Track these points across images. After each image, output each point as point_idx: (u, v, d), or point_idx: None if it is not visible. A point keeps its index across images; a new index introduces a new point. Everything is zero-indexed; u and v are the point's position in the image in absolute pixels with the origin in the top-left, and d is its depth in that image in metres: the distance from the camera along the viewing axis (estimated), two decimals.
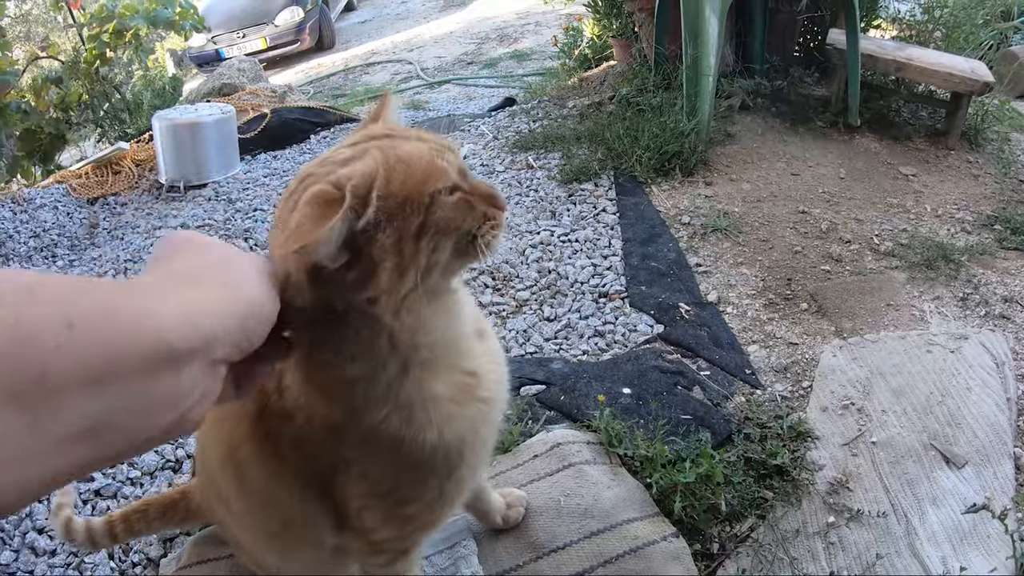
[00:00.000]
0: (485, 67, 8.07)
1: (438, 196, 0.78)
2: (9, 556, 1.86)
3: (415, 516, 1.11)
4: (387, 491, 1.04)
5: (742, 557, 1.66)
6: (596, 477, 1.74)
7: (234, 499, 1.18)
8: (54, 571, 1.82)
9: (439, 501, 1.09)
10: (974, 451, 1.91)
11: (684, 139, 3.46)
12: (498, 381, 1.09)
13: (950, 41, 4.50)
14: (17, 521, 1.94)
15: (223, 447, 1.14)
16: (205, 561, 1.71)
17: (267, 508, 1.15)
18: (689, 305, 2.53)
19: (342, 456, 1.01)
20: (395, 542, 1.17)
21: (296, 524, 1.15)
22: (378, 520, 1.08)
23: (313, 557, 1.29)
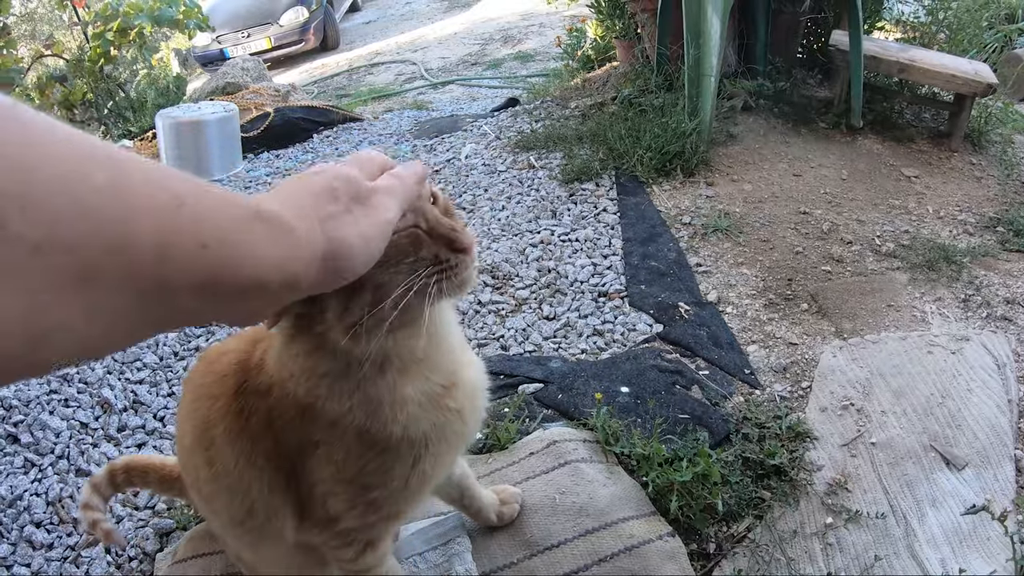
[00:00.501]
0: (489, 68, 8.08)
1: None
2: (6, 549, 1.86)
3: (380, 503, 1.11)
4: (352, 476, 1.05)
5: (739, 557, 1.65)
6: (592, 475, 1.73)
7: (204, 482, 1.19)
8: (51, 565, 1.82)
9: (403, 492, 1.09)
10: (974, 453, 1.90)
11: (686, 139, 3.46)
12: (473, 394, 1.11)
13: (954, 43, 4.50)
14: (15, 515, 1.95)
15: (199, 427, 1.15)
16: (200, 556, 1.71)
17: (233, 493, 1.15)
18: (689, 305, 2.53)
19: (310, 437, 1.03)
20: (361, 531, 1.18)
21: (260, 512, 1.15)
22: (343, 506, 1.09)
23: (278, 554, 1.29)
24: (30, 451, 2.17)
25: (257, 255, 0.54)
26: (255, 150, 5.01)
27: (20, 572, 1.80)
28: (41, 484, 2.06)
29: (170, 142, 4.52)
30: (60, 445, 2.19)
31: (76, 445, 2.20)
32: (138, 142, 5.10)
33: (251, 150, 4.98)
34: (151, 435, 2.27)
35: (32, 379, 2.37)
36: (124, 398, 2.41)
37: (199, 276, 0.49)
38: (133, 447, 2.20)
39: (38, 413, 2.28)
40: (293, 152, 4.99)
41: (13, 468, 2.10)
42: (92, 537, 1.82)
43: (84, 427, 2.28)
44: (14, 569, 1.81)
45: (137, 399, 2.42)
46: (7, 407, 2.31)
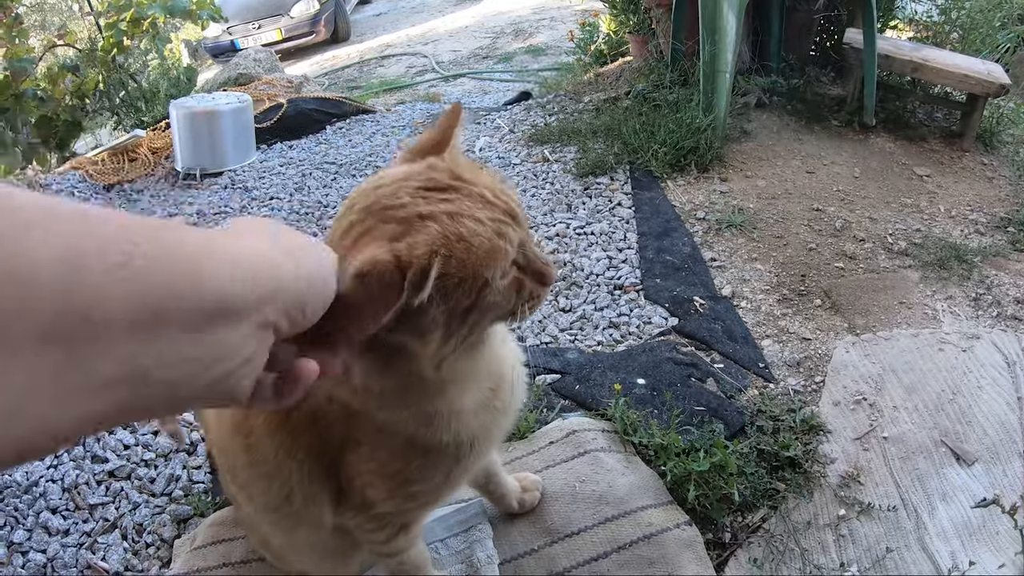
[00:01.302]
0: (500, 61, 8.06)
1: (492, 280, 0.76)
2: (22, 535, 1.88)
3: (419, 494, 1.13)
4: (394, 472, 1.07)
5: (754, 547, 1.67)
6: (611, 464, 1.76)
7: (240, 467, 1.20)
8: (67, 551, 1.84)
9: (445, 484, 1.12)
10: (984, 449, 1.92)
11: (700, 135, 3.47)
12: (515, 389, 1.12)
13: (967, 43, 4.49)
14: (31, 501, 1.96)
15: (238, 414, 1.16)
16: (220, 542, 1.73)
17: (271, 479, 1.16)
18: (703, 299, 2.55)
19: (354, 436, 1.04)
20: (397, 516, 1.20)
21: (297, 498, 1.16)
22: (382, 496, 1.11)
23: (313, 539, 1.31)
24: None
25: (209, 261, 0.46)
26: (268, 141, 5.02)
27: (36, 558, 1.82)
28: (57, 471, 2.07)
29: (184, 132, 4.53)
30: None
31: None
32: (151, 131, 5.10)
33: (264, 141, 4.98)
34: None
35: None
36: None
37: (132, 302, 0.40)
38: (149, 434, 2.21)
39: None
40: (306, 143, 5.00)
41: None
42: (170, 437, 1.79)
43: None
44: (30, 555, 1.82)
45: None
46: None
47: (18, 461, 0.38)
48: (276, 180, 4.26)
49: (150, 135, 5.01)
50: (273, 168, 4.50)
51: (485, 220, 0.74)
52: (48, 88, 5.44)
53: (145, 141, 4.88)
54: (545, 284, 0.84)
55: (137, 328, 0.40)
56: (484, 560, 1.55)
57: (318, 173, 4.29)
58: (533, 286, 0.83)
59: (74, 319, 0.37)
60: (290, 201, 3.88)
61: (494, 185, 0.79)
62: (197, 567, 1.68)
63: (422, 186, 0.75)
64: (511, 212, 0.78)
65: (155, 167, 4.71)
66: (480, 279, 0.74)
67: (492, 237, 0.74)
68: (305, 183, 4.14)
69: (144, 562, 1.83)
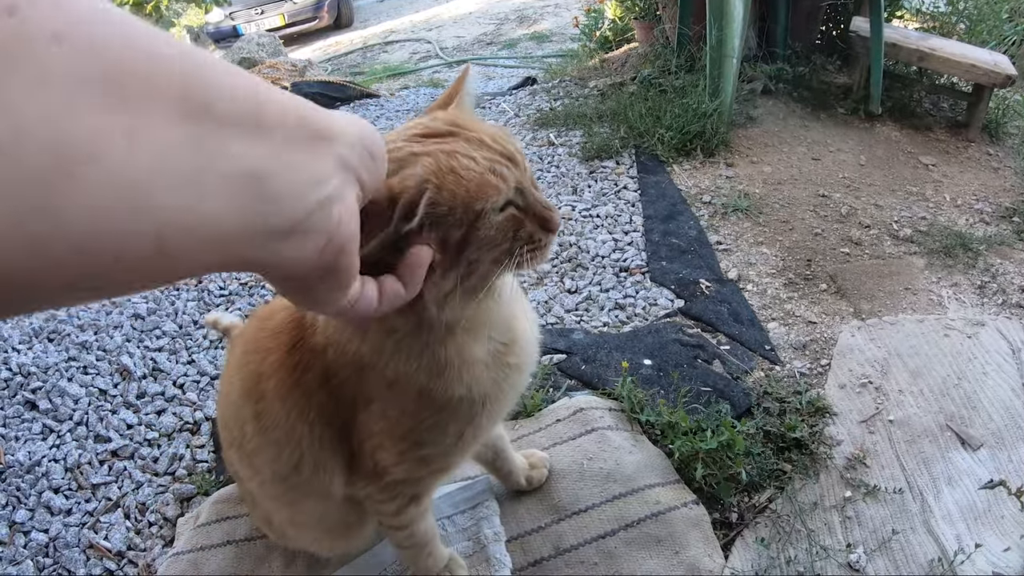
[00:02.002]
0: (504, 48, 8.05)
1: (485, 214, 0.76)
2: (24, 515, 1.88)
3: (430, 459, 1.13)
4: (405, 432, 1.06)
5: (760, 527, 1.68)
6: (618, 442, 1.76)
7: (249, 436, 1.20)
8: (69, 530, 1.84)
9: (456, 447, 1.11)
10: (989, 434, 1.92)
11: (706, 120, 3.47)
12: (528, 347, 1.11)
13: (973, 34, 4.49)
14: (33, 480, 1.97)
15: (249, 379, 1.16)
16: (223, 519, 1.73)
17: (281, 446, 1.16)
18: (709, 281, 2.55)
19: (365, 393, 1.04)
20: (408, 485, 1.19)
21: (307, 467, 1.16)
22: (392, 459, 1.10)
23: (320, 511, 1.30)
24: (48, 417, 2.19)
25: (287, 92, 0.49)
26: None
27: (38, 537, 1.82)
28: (59, 450, 2.08)
29: None
30: (79, 412, 2.21)
31: (95, 412, 2.21)
32: None
33: None
34: (171, 402, 2.28)
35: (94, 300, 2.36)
36: (143, 366, 2.42)
37: (241, 103, 0.43)
38: (152, 414, 2.22)
39: (57, 380, 2.30)
40: None
41: (31, 434, 2.13)
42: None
43: (103, 394, 2.29)
44: (32, 535, 1.83)
45: (157, 366, 2.43)
46: (25, 374, 2.33)
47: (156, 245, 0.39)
48: None
49: None
50: None
51: (479, 159, 0.75)
52: None
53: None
54: (549, 229, 0.83)
55: (248, 130, 0.43)
56: (491, 537, 1.55)
57: None
58: (534, 229, 0.82)
59: (200, 106, 0.40)
60: None
61: (494, 132, 0.80)
62: (201, 544, 1.69)
63: (420, 133, 0.77)
64: (509, 155, 0.78)
65: None
66: (471, 211, 0.74)
67: (484, 172, 0.75)
68: None
69: (147, 541, 1.83)
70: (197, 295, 2.86)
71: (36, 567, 1.75)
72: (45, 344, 2.53)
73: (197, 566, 1.64)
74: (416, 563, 1.43)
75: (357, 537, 1.44)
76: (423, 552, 1.40)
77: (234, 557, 1.65)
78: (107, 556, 1.77)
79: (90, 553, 1.78)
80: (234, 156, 0.42)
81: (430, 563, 1.42)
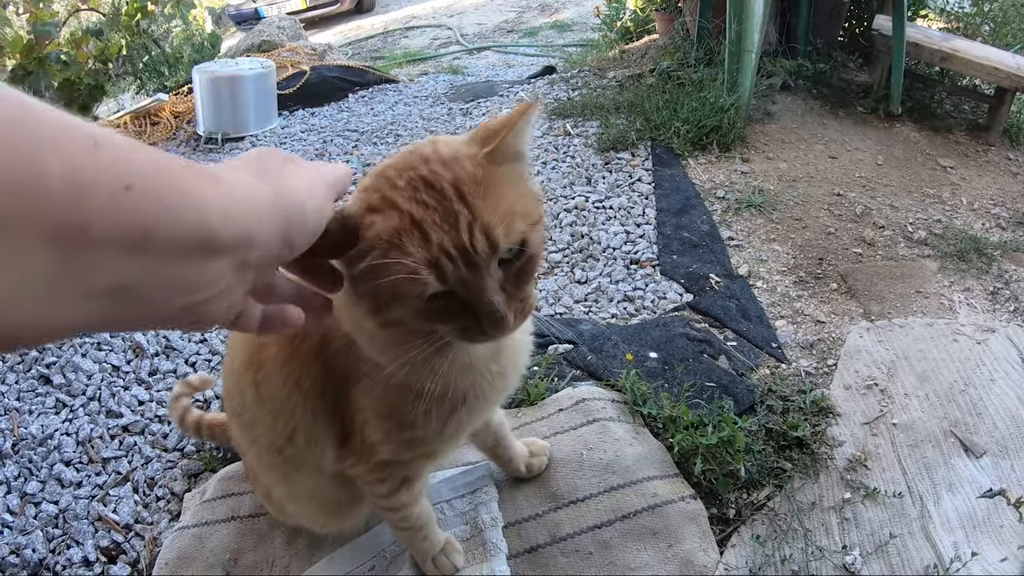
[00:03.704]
0: (525, 36, 8.04)
1: (405, 298, 0.76)
2: (35, 486, 1.90)
3: (415, 442, 1.14)
4: (390, 412, 1.08)
5: (757, 524, 1.68)
6: (619, 434, 1.76)
7: (248, 405, 1.22)
8: (79, 503, 1.86)
9: (439, 435, 1.12)
10: (993, 442, 1.92)
11: (723, 114, 3.46)
12: (515, 355, 1.11)
13: (997, 36, 4.44)
14: (45, 453, 1.99)
15: (251, 350, 1.17)
16: (229, 495, 1.76)
17: (276, 417, 1.17)
18: (720, 277, 2.55)
19: (355, 368, 1.05)
20: (396, 467, 1.20)
21: (300, 438, 1.18)
22: (379, 437, 1.11)
23: (312, 486, 1.32)
24: (62, 392, 2.21)
25: (198, 199, 0.48)
26: (291, 107, 5.03)
27: (48, 509, 1.84)
28: (72, 424, 2.10)
29: (207, 96, 4.54)
30: (92, 387, 2.23)
31: (107, 387, 2.23)
32: (173, 96, 5.14)
33: (286, 107, 5.00)
34: (182, 379, 2.26)
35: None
36: (156, 343, 2.44)
37: (126, 224, 0.43)
38: (164, 391, 2.24)
39: (71, 355, 2.32)
40: (328, 110, 5.01)
41: (45, 408, 2.15)
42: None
43: (116, 370, 2.32)
44: (42, 506, 1.85)
45: (169, 344, 2.45)
46: (40, 349, 2.35)
47: (4, 348, 0.42)
48: (297, 146, 4.27)
49: (172, 99, 5.05)
50: (294, 134, 4.51)
51: (434, 243, 0.73)
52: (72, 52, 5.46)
53: (168, 105, 4.91)
54: (485, 333, 0.80)
55: (127, 248, 0.43)
56: (488, 522, 1.56)
57: (339, 140, 4.29)
58: (470, 324, 0.79)
59: (74, 231, 0.40)
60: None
61: (488, 222, 0.76)
62: (205, 519, 1.71)
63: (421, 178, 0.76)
64: (464, 248, 0.74)
65: (177, 131, 4.74)
66: (392, 289, 0.74)
67: (420, 265, 0.73)
68: (326, 149, 4.15)
69: (154, 515, 1.85)
70: None
71: (45, 537, 1.77)
72: None
73: (201, 540, 1.67)
74: (412, 545, 1.45)
75: (350, 517, 1.46)
76: (419, 535, 1.41)
77: (237, 533, 1.67)
78: (115, 528, 1.79)
79: (98, 525, 1.81)
80: (104, 272, 0.43)
81: (426, 546, 1.43)
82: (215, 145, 4.45)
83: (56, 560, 1.72)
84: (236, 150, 4.33)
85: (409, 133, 4.25)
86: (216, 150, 4.41)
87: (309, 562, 1.57)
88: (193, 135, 4.63)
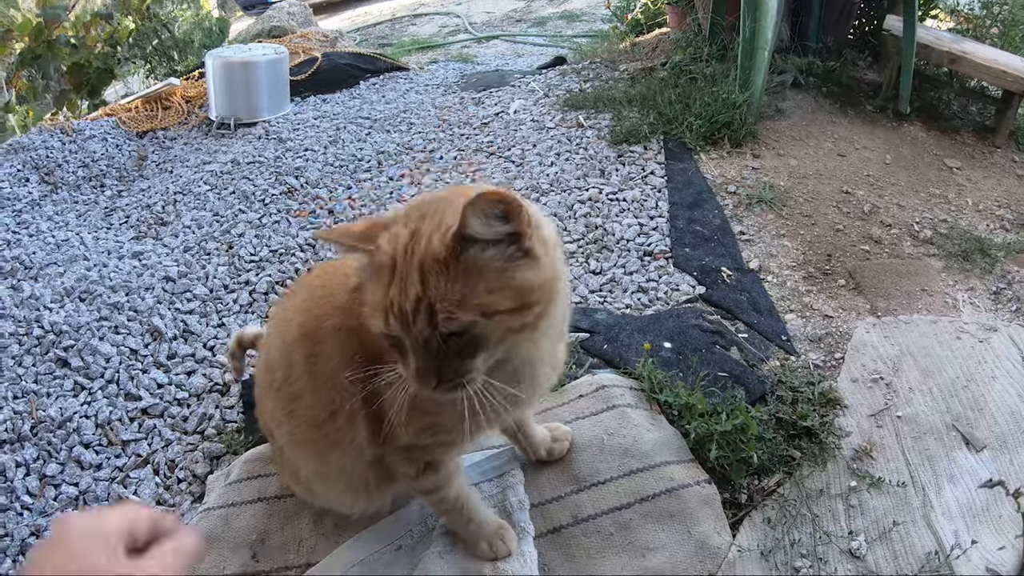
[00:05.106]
0: (534, 25, 8.03)
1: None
2: (55, 468, 1.93)
3: (435, 429, 1.18)
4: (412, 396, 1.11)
5: (768, 509, 1.73)
6: (637, 420, 1.82)
7: (295, 378, 1.25)
8: (99, 484, 1.89)
9: (458, 429, 1.14)
10: (994, 437, 1.97)
11: (735, 110, 3.48)
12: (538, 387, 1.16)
13: (1007, 39, 4.45)
14: (64, 435, 2.01)
15: (309, 321, 1.21)
16: (254, 477, 1.78)
17: (323, 392, 1.21)
18: (731, 270, 2.59)
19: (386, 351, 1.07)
20: (418, 452, 1.25)
21: (342, 416, 1.21)
22: (402, 418, 1.12)
23: (345, 464, 1.34)
24: (80, 375, 2.22)
25: None
26: (302, 94, 5.02)
27: (68, 491, 1.87)
28: (91, 407, 2.12)
29: (219, 81, 4.53)
30: (110, 370, 2.25)
31: (126, 371, 2.25)
32: (184, 81, 5.14)
33: (298, 93, 4.98)
34: (200, 363, 2.32)
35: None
36: (174, 327, 2.46)
37: None
38: (183, 374, 2.26)
39: (88, 339, 2.33)
40: (340, 97, 5.00)
41: (63, 391, 2.16)
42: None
43: (134, 353, 2.33)
44: (62, 488, 1.88)
45: (187, 328, 2.47)
46: (57, 332, 2.36)
47: None
48: (310, 132, 4.27)
49: (184, 84, 5.04)
50: (307, 120, 4.51)
51: (389, 294, 0.86)
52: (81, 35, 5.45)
53: (179, 90, 4.91)
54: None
55: None
56: (516, 505, 1.60)
57: (352, 127, 4.29)
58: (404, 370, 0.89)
59: None
60: (324, 154, 3.89)
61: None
62: (231, 501, 1.74)
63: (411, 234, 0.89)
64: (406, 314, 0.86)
65: (188, 116, 4.74)
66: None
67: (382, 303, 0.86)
68: (339, 136, 4.15)
69: (176, 497, 1.87)
70: (228, 260, 2.88)
71: None
72: (77, 304, 2.55)
73: (228, 521, 1.69)
74: (457, 526, 1.48)
75: (377, 498, 1.47)
76: (461, 518, 1.44)
77: (264, 514, 1.70)
78: None
79: None
80: None
81: (472, 528, 1.46)
82: (227, 130, 4.45)
83: None
84: (248, 136, 4.33)
85: (422, 122, 4.25)
86: (228, 135, 4.41)
87: (336, 543, 1.60)
88: (205, 120, 4.63)
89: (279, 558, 1.62)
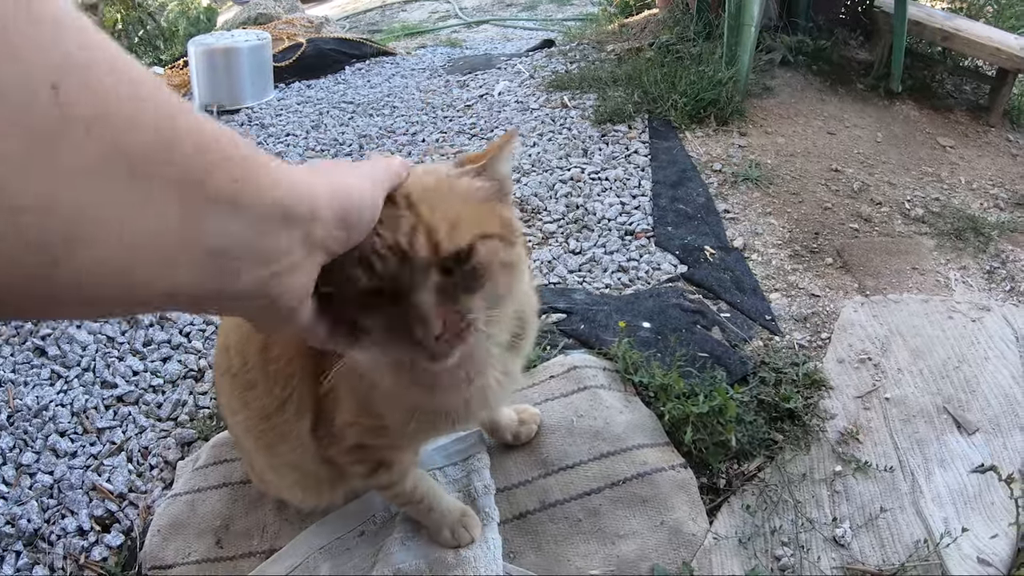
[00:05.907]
0: (524, 10, 7.99)
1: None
2: (30, 457, 1.91)
3: (380, 431, 1.13)
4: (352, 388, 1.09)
5: (747, 495, 1.68)
6: (610, 401, 1.76)
7: (251, 365, 1.20)
8: (73, 472, 1.86)
9: (402, 431, 1.10)
10: (986, 420, 1.92)
11: (721, 88, 3.44)
12: (477, 410, 1.09)
13: (1000, 18, 4.42)
14: (40, 424, 1.99)
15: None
16: (221, 462, 1.76)
17: (275, 381, 1.17)
18: (714, 248, 2.54)
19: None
20: (367, 451, 1.20)
21: (291, 407, 1.17)
22: (349, 417, 1.12)
23: (294, 458, 1.30)
24: (56, 364, 2.21)
25: (269, 173, 0.54)
26: (287, 80, 4.98)
27: (43, 479, 1.85)
28: (67, 395, 2.10)
29: (202, 69, 4.49)
30: (86, 358, 2.23)
31: (102, 358, 2.23)
32: (168, 70, 5.09)
33: (282, 79, 4.95)
34: (176, 350, 2.30)
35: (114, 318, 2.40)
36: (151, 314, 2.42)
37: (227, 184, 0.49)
38: (159, 360, 2.24)
39: (66, 327, 2.32)
40: (325, 82, 4.97)
41: (40, 380, 2.15)
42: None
43: (111, 341, 2.31)
44: (37, 476, 1.85)
45: (164, 315, 2.43)
46: (35, 321, 2.34)
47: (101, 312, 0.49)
48: (293, 118, 4.25)
49: (168, 73, 5.01)
50: (290, 106, 4.48)
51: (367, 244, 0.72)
52: None
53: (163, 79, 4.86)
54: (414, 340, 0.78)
55: (227, 209, 0.50)
56: (481, 490, 1.56)
57: (335, 112, 4.27)
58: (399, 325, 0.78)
59: (195, 183, 0.47)
60: (305, 138, 3.88)
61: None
62: (198, 486, 1.72)
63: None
64: (398, 247, 0.74)
65: None
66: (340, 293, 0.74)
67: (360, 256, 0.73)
68: (322, 121, 4.13)
69: (147, 483, 1.86)
70: None
71: (40, 507, 1.77)
72: None
73: (193, 507, 1.68)
74: (420, 518, 1.44)
75: (328, 494, 1.44)
76: (421, 508, 1.39)
77: (229, 499, 1.68)
78: (109, 497, 1.80)
79: (93, 495, 1.81)
80: (207, 234, 0.48)
81: (435, 517, 1.42)
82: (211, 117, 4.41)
83: (51, 530, 1.73)
84: (232, 122, 4.29)
85: (405, 105, 4.22)
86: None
87: (300, 528, 1.58)
88: None
89: (243, 544, 1.60)
